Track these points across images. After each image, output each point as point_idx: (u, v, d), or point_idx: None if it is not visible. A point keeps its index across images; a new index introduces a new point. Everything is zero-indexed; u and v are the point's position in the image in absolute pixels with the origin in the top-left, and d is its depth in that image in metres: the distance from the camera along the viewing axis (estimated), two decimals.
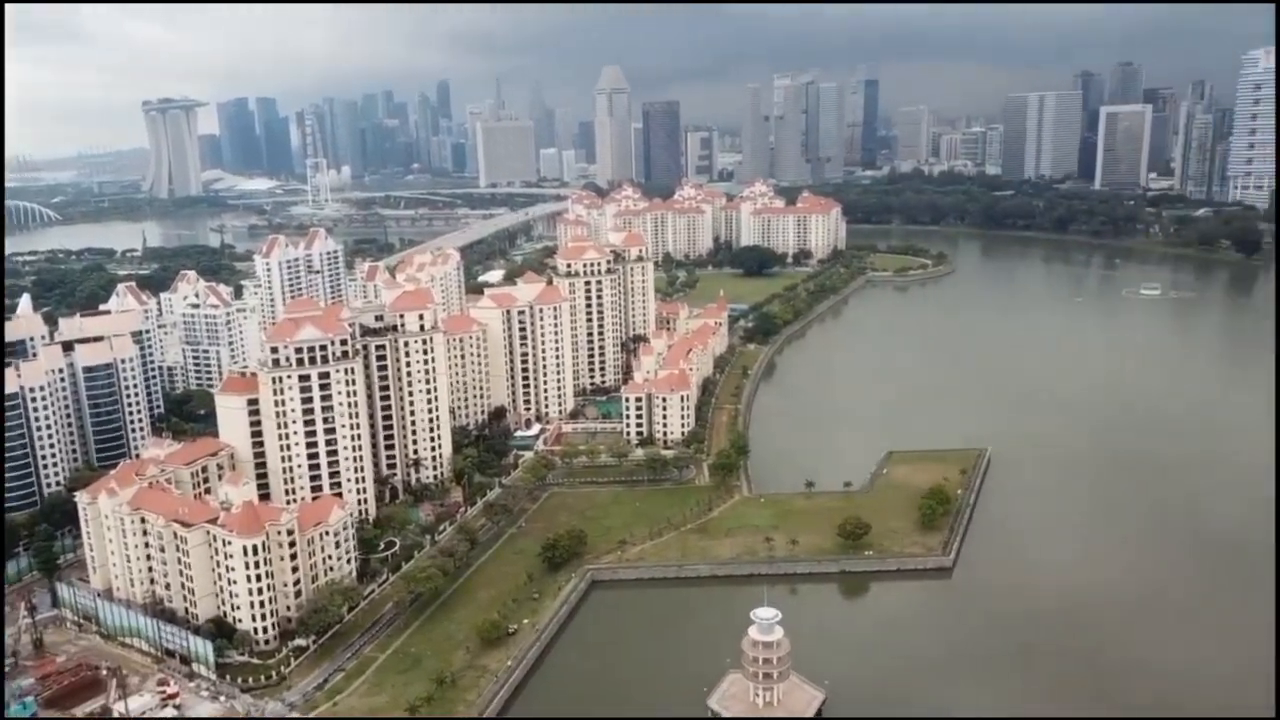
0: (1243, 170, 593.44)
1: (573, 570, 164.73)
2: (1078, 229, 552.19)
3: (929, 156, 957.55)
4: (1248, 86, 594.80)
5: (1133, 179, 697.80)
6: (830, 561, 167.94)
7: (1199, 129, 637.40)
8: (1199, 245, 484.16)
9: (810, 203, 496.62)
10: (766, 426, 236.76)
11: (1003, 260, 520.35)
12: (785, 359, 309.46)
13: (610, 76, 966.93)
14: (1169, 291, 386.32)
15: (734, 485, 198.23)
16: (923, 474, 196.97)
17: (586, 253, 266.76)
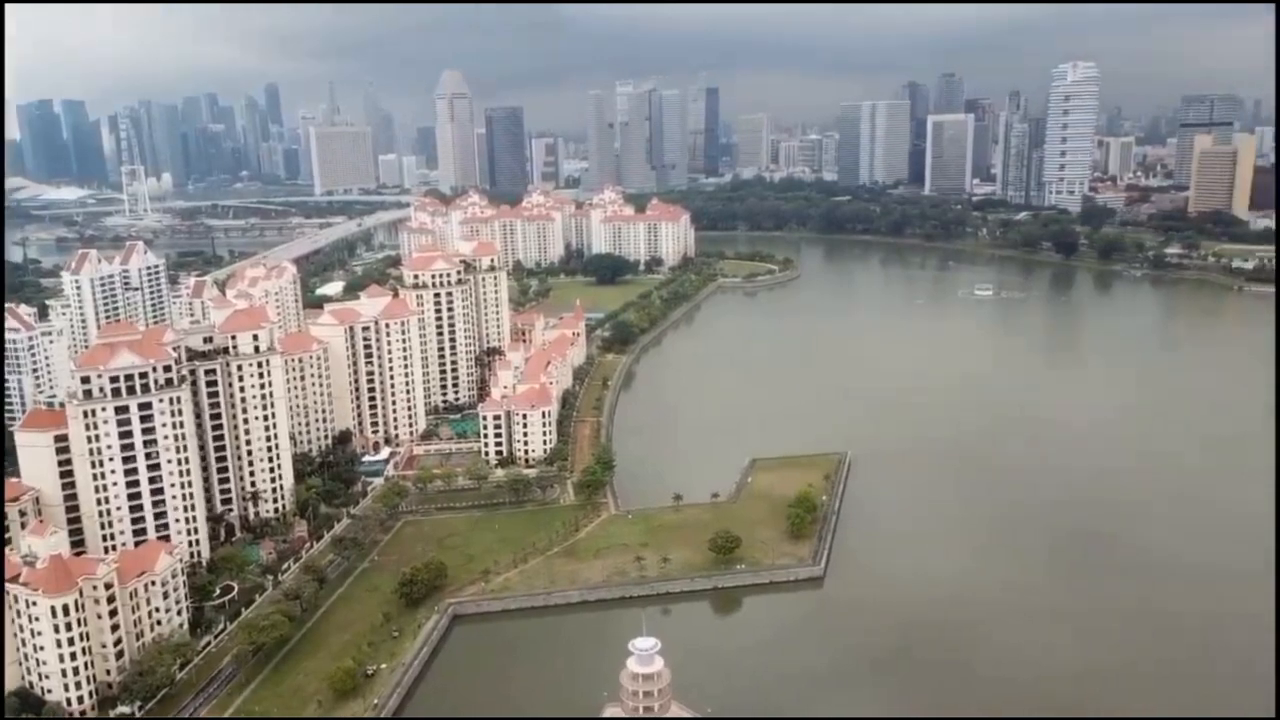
0: (1056, 176, 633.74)
1: (433, 605, 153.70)
2: (912, 232, 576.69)
3: (769, 163, 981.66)
4: (1058, 98, 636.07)
5: (959, 184, 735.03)
6: (703, 578, 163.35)
7: (1016, 138, 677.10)
8: (1022, 247, 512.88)
9: (660, 210, 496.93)
10: (630, 438, 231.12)
11: (845, 264, 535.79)
12: (644, 367, 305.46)
13: (451, 81, 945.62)
14: (1000, 292, 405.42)
15: (601, 503, 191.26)
16: (787, 481, 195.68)
17: (435, 263, 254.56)
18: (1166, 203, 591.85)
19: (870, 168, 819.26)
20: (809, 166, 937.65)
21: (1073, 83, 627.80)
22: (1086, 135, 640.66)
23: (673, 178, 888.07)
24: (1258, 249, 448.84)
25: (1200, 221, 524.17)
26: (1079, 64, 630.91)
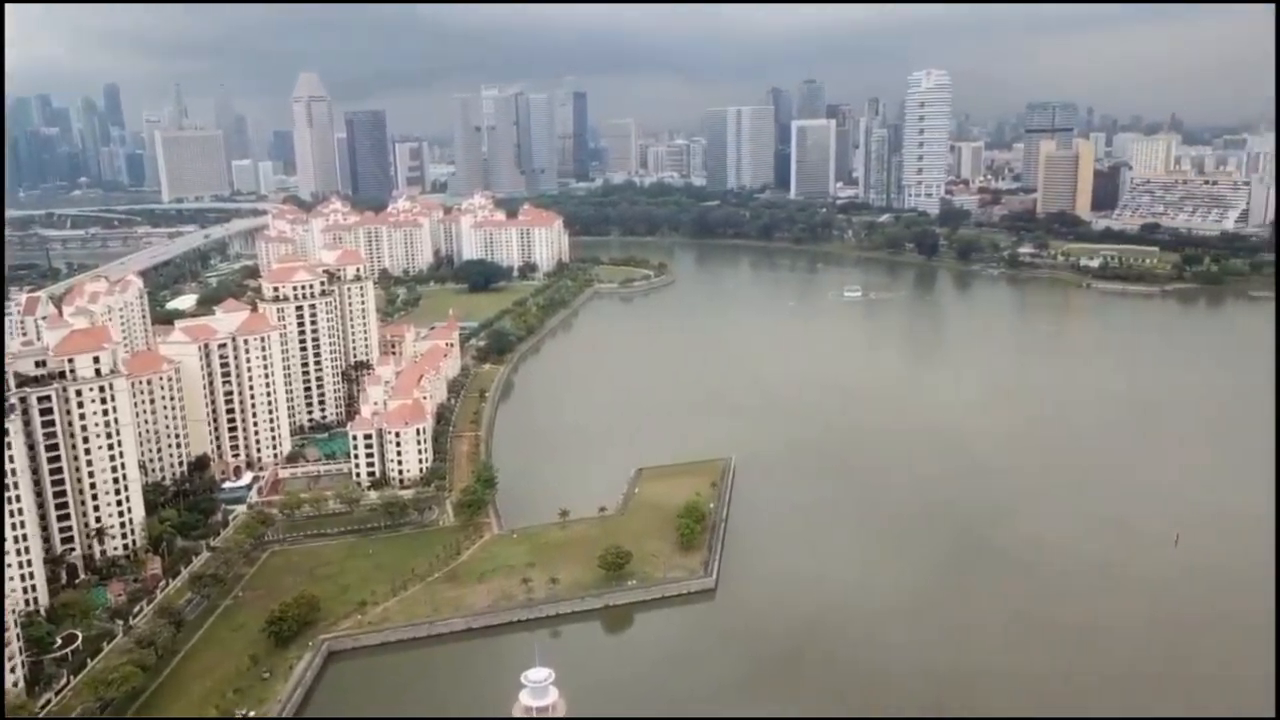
0: (915, 180, 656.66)
1: (305, 642, 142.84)
2: (781, 236, 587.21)
3: (639, 168, 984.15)
4: (914, 105, 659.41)
5: (823, 188, 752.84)
6: (594, 597, 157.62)
7: (876, 143, 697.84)
8: (887, 248, 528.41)
9: (532, 215, 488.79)
10: (512, 453, 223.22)
11: (718, 268, 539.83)
12: (523, 377, 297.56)
13: (307, 84, 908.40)
14: (869, 293, 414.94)
15: (483, 523, 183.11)
16: (674, 490, 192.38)
17: (296, 273, 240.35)
18: (1016, 204, 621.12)
19: (738, 172, 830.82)
20: (677, 171, 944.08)
21: (926, 89, 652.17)
22: (942, 140, 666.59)
23: (543, 182, 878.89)
24: (1101, 247, 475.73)
25: (1048, 222, 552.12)
26: (932, 72, 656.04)
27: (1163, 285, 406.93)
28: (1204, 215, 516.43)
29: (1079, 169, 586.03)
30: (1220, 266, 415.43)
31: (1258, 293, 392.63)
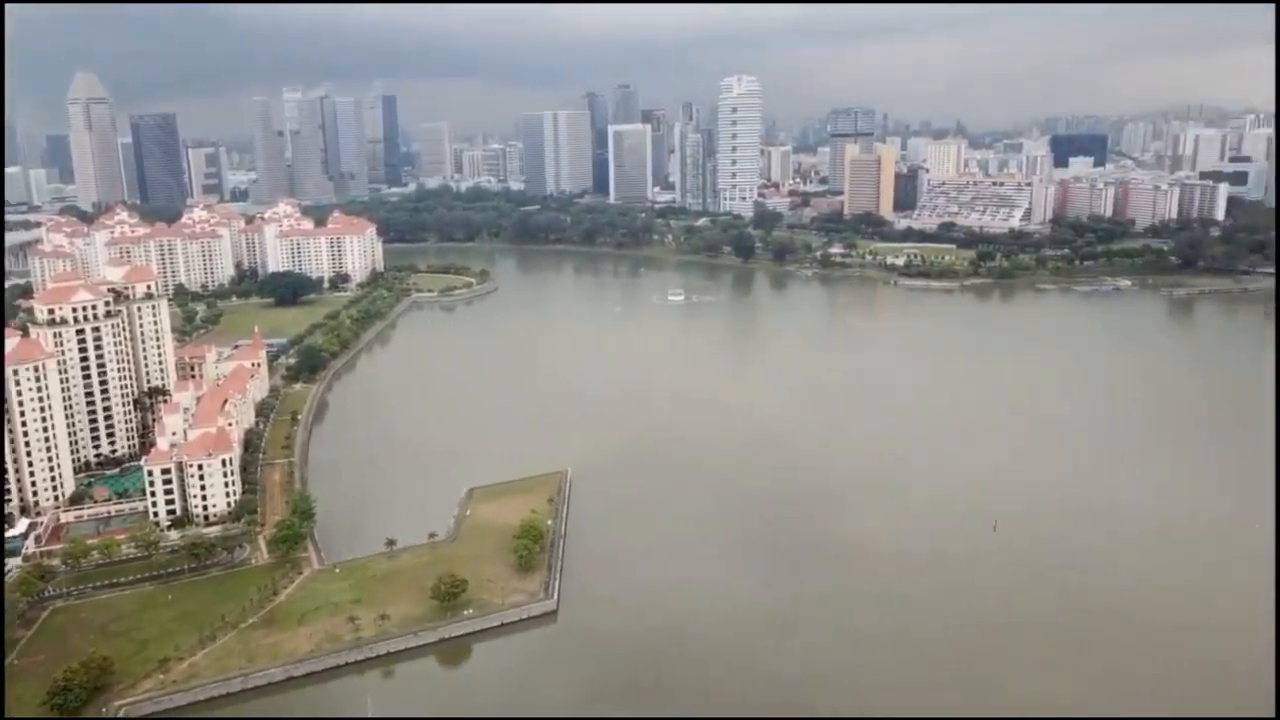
0: (729, 184, 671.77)
1: (99, 711, 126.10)
2: (603, 241, 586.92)
3: (454, 172, 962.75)
4: (726, 110, 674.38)
5: (641, 193, 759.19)
6: (428, 630, 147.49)
7: (691, 147, 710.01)
8: (706, 251, 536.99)
9: (342, 223, 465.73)
10: (330, 479, 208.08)
11: (541, 274, 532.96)
12: (339, 396, 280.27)
13: (86, 85, 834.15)
14: (691, 296, 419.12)
15: (301, 558, 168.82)
16: (509, 509, 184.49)
17: (77, 293, 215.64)
18: (825, 206, 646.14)
19: (556, 177, 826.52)
20: (495, 176, 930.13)
21: (738, 95, 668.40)
22: (754, 145, 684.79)
23: (353, 188, 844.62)
24: (904, 246, 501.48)
25: (855, 223, 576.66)
26: (743, 77, 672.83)
27: (961, 280, 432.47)
28: (993, 214, 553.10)
29: (881, 172, 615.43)
30: (1011, 262, 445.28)
31: (1044, 285, 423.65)
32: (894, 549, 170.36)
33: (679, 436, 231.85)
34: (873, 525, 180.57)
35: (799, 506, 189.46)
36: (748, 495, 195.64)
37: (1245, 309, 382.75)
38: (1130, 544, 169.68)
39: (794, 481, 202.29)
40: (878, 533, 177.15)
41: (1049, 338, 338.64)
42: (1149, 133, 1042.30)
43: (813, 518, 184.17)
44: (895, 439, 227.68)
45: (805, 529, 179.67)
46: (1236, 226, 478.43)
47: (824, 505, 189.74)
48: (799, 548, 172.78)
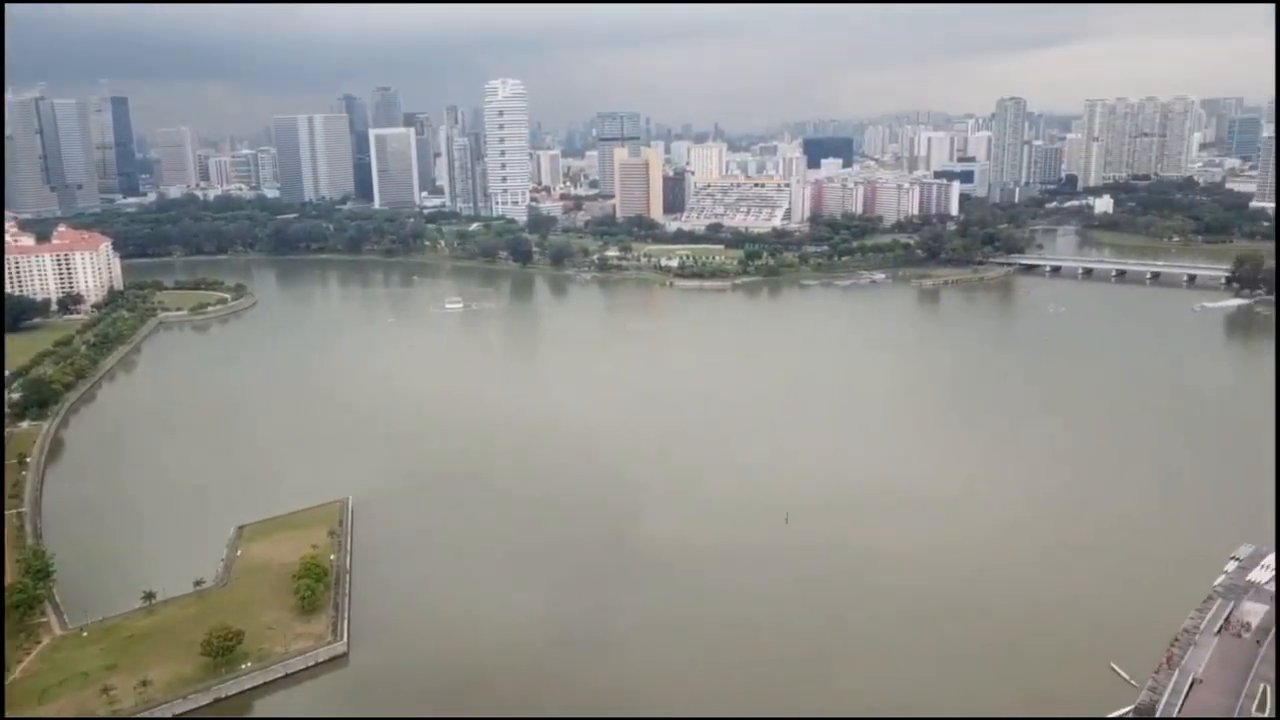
0: (500, 188, 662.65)
1: None
2: (370, 249, 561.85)
3: (199, 180, 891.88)
4: (492, 113, 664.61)
5: (408, 198, 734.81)
6: (200, 693, 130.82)
7: (459, 151, 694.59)
8: (482, 257, 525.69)
9: (70, 238, 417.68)
10: (72, 530, 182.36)
11: (304, 286, 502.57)
12: (77, 433, 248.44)
13: None
14: (471, 304, 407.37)
15: (39, 624, 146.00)
16: (286, 545, 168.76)
17: None
18: (598, 209, 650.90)
19: (315, 183, 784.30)
20: (246, 183, 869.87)
21: (504, 98, 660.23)
22: (522, 149, 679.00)
23: (81, 199, 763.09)
24: (676, 248, 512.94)
25: (628, 225, 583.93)
26: (507, 81, 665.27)
27: (733, 279, 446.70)
28: (756, 214, 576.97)
29: (650, 175, 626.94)
30: (776, 260, 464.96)
31: (808, 281, 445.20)
32: (699, 550, 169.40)
33: (471, 450, 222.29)
34: (674, 528, 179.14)
35: (600, 514, 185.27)
36: (546, 506, 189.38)
37: (983, 295, 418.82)
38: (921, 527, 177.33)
39: (594, 488, 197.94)
40: (681, 535, 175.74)
41: (820, 329, 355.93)
42: (887, 135, 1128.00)
43: (615, 524, 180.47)
44: (693, 438, 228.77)
45: (608, 537, 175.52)
46: (970, 221, 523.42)
47: (626, 510, 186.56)
48: (603, 558, 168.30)
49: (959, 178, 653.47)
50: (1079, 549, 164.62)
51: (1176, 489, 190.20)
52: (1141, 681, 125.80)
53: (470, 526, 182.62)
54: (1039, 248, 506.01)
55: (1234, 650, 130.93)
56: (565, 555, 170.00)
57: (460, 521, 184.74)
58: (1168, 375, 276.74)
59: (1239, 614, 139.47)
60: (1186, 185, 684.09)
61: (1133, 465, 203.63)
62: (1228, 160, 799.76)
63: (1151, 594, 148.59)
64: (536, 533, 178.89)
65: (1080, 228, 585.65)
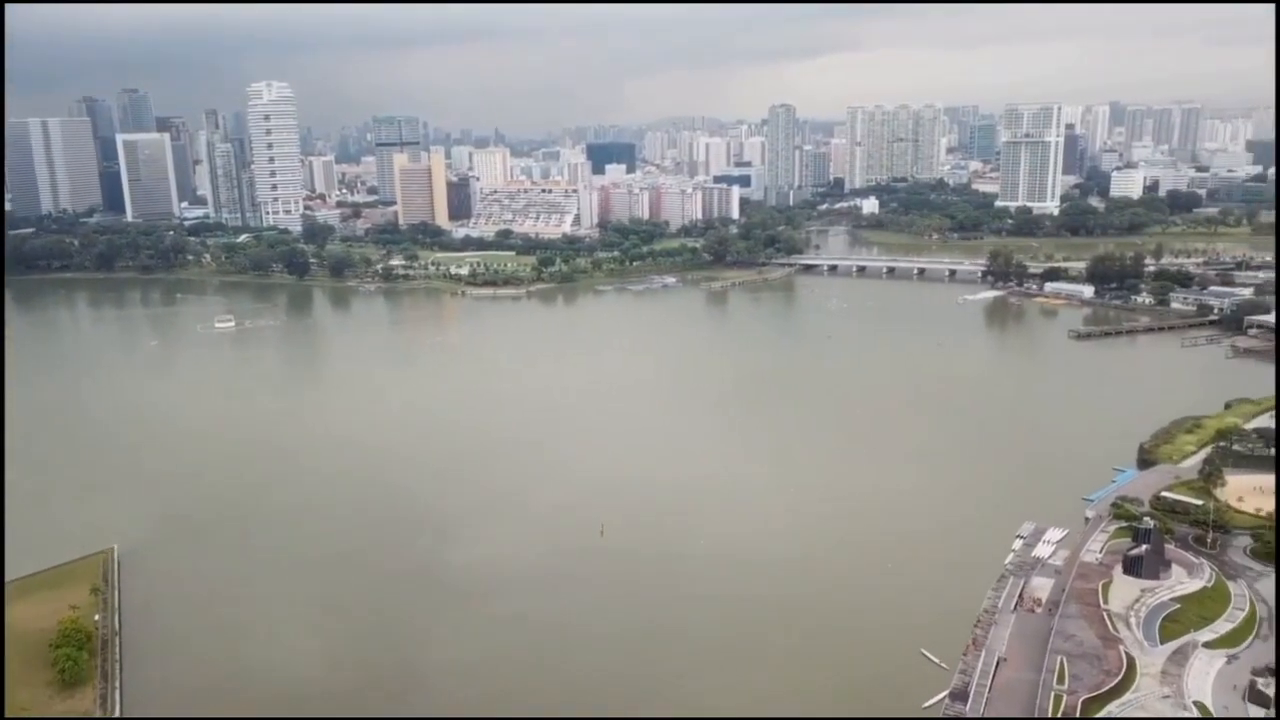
0: (270, 196, 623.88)
1: None
2: (124, 265, 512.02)
3: None
4: (258, 117, 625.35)
5: (166, 209, 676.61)
6: None
7: (221, 158, 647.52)
8: (253, 271, 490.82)
9: None
10: None
11: (46, 310, 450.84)
12: None
13: None
14: (245, 321, 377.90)
15: None
16: (40, 609, 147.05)
17: None
18: (379, 217, 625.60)
19: (54, 194, 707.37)
20: None
21: (269, 102, 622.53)
22: (293, 154, 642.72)
23: None
24: (465, 255, 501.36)
25: (412, 233, 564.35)
26: (273, 83, 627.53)
27: (527, 286, 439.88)
28: (546, 220, 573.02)
29: (433, 181, 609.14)
30: (570, 266, 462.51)
31: (602, 286, 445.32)
32: (512, 574, 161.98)
33: (255, 484, 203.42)
34: (486, 551, 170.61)
35: (404, 544, 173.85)
36: (345, 539, 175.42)
37: (768, 295, 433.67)
38: (730, 527, 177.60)
39: (396, 516, 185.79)
40: (492, 559, 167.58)
41: (620, 333, 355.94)
42: (666, 141, 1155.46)
43: (421, 555, 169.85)
44: (501, 454, 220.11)
45: (414, 569, 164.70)
46: (751, 224, 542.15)
47: (433, 538, 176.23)
48: (410, 593, 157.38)
49: (737, 182, 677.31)
50: (880, 539, 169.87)
51: (963, 473, 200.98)
52: (952, 665, 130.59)
53: (259, 570, 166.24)
54: (816, 248, 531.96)
55: (1029, 626, 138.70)
56: (369, 592, 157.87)
57: (247, 565, 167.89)
58: (940, 365, 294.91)
59: (1030, 590, 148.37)
60: (939, 186, 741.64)
61: (921, 453, 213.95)
62: (971, 163, 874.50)
63: (951, 577, 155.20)
64: (336, 570, 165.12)
65: (850, 228, 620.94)
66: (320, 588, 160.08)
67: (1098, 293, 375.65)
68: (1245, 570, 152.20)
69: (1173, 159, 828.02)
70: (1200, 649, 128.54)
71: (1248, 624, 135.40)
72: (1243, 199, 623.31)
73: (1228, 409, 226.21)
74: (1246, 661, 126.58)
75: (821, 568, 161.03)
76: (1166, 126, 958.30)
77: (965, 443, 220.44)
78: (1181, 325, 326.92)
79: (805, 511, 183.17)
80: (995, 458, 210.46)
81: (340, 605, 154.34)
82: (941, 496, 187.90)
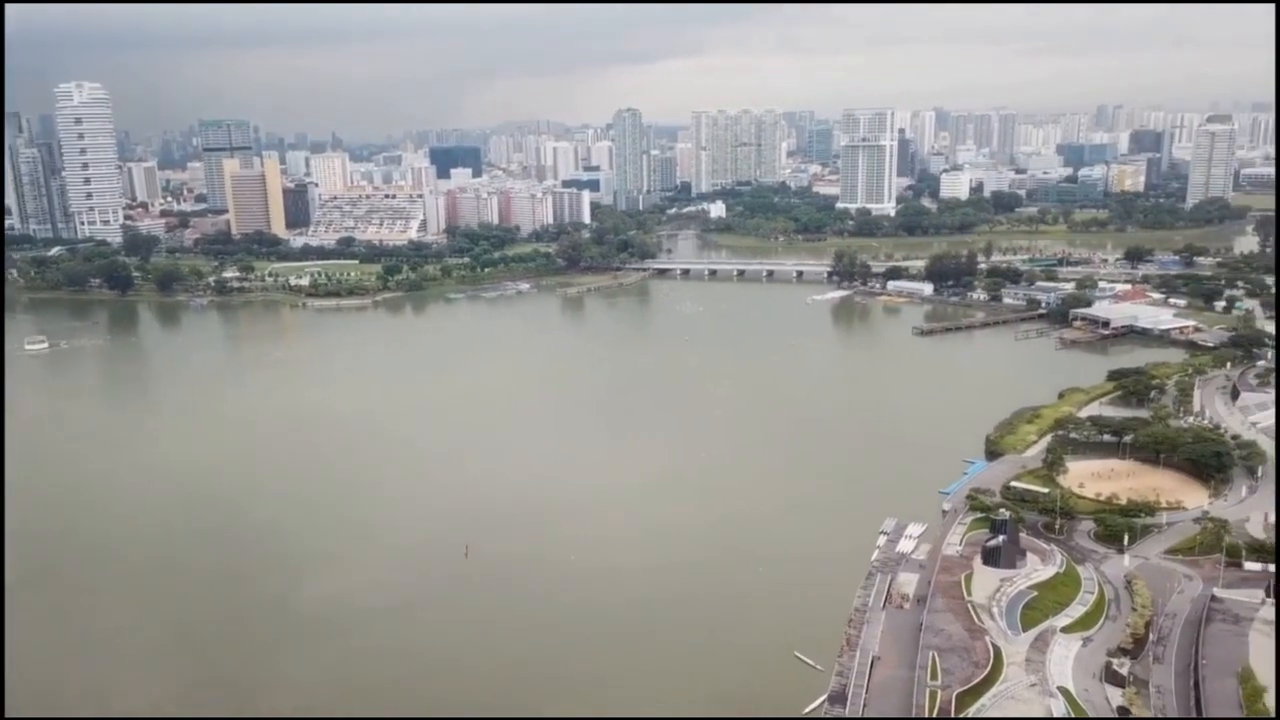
0: (85, 206, 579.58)
1: None
2: None
3: None
4: (68, 121, 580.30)
5: None
6: None
7: (27, 164, 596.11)
8: (68, 287, 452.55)
9: None
10: None
11: None
12: None
13: None
14: (60, 343, 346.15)
15: None
16: None
17: None
18: (209, 226, 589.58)
19: None
20: None
21: (81, 104, 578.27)
22: (110, 160, 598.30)
23: None
24: (305, 265, 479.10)
25: (246, 243, 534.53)
26: (84, 84, 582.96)
27: (374, 296, 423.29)
28: (390, 227, 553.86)
29: (268, 188, 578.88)
30: (418, 274, 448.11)
31: (453, 294, 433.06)
32: (371, 604, 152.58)
33: (79, 522, 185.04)
34: (342, 584, 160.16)
35: (250, 580, 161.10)
36: (185, 579, 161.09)
37: (624, 299, 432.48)
38: (595, 535, 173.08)
39: (242, 549, 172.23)
40: (348, 590, 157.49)
41: (473, 342, 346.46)
42: (511, 145, 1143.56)
43: (269, 590, 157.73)
44: (353, 474, 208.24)
45: (262, 606, 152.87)
46: (604, 229, 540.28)
47: (284, 572, 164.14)
48: (256, 633, 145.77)
49: (587, 186, 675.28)
50: (747, 543, 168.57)
51: (823, 471, 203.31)
52: (828, 666, 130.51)
53: (83, 615, 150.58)
54: (668, 252, 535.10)
55: (900, 622, 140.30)
56: (209, 637, 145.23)
57: (75, 609, 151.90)
58: (793, 365, 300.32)
59: (897, 586, 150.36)
60: (782, 190, 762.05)
61: (782, 453, 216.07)
62: (811, 166, 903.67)
63: (821, 578, 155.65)
64: (175, 612, 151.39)
65: (700, 231, 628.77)
66: (157, 629, 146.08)
67: (937, 290, 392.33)
68: (1091, 554, 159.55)
69: (994, 161, 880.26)
70: (1059, 634, 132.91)
71: (1098, 607, 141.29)
72: (1058, 199, 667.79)
73: (1061, 398, 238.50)
74: (1100, 643, 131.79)
75: (691, 575, 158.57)
76: (986, 131, 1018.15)
77: (824, 441, 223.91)
78: (1014, 319, 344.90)
79: (670, 519, 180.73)
80: (853, 455, 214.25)
81: (179, 649, 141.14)
82: (804, 496, 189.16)
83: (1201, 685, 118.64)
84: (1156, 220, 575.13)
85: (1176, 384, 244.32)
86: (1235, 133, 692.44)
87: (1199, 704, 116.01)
